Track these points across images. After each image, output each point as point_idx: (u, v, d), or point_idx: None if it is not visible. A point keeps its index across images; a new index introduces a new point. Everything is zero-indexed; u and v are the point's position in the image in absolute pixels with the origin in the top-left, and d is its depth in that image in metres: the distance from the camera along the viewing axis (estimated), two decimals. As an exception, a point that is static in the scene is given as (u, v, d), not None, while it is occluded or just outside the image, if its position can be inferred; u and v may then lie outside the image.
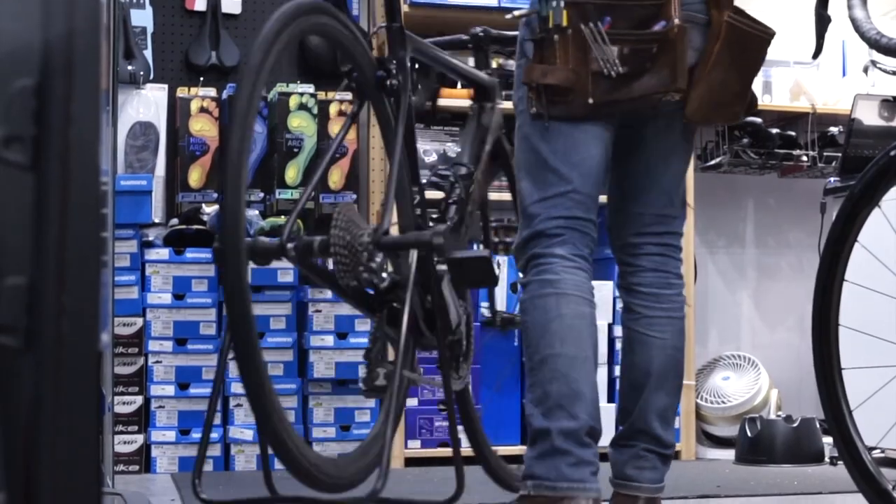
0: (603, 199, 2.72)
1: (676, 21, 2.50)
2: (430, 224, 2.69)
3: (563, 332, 2.53)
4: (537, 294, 2.56)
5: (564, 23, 2.55)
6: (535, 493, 2.46)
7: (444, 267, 2.51)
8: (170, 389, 4.21)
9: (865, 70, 5.24)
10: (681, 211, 2.75)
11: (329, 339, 4.30)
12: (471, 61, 3.23)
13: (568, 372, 2.50)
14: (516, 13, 2.75)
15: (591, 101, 2.54)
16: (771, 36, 2.67)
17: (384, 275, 2.39)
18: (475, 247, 3.43)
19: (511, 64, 3.23)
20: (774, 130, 4.96)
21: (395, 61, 2.61)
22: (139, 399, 4.19)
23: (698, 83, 2.58)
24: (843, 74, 5.35)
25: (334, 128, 4.61)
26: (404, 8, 4.46)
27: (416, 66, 2.76)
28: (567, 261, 2.57)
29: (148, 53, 4.62)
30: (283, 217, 4.40)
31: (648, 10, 2.53)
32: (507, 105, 2.90)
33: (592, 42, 2.51)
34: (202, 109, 4.56)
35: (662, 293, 2.70)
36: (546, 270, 2.56)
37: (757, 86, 5.12)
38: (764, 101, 4.98)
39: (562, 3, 2.55)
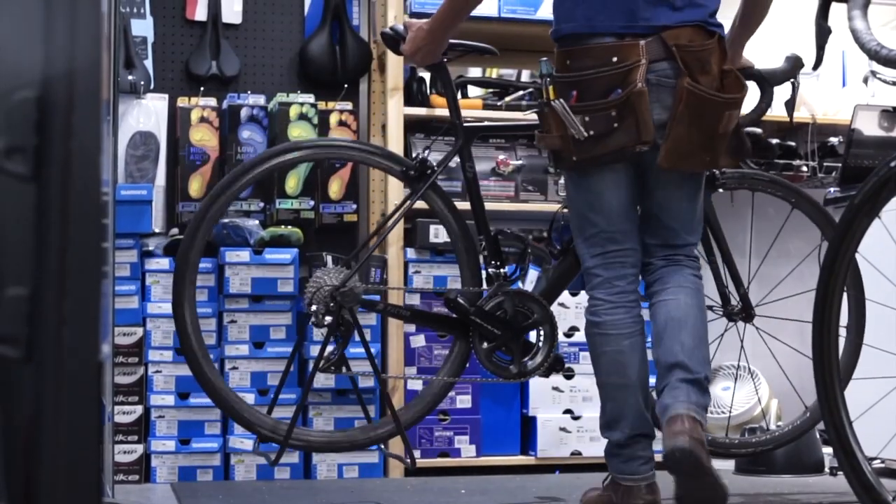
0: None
1: (639, 85, 3.02)
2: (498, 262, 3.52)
3: (608, 366, 3.18)
4: (588, 332, 3.24)
5: (552, 96, 3.15)
6: (613, 481, 3.19)
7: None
8: (170, 399, 4.20)
9: (865, 81, 5.24)
10: (691, 236, 3.29)
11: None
12: None
13: (615, 396, 3.17)
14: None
15: (574, 158, 3.12)
16: (730, 100, 3.13)
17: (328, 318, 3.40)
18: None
19: None
20: (774, 140, 4.96)
21: (417, 157, 3.50)
22: (139, 409, 4.18)
23: (667, 137, 3.08)
24: (843, 85, 5.36)
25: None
26: (405, 18, 4.46)
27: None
28: (607, 303, 3.19)
29: (148, 63, 4.62)
30: (283, 227, 4.41)
31: (616, 78, 3.07)
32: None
33: (562, 114, 3.09)
34: (202, 119, 4.56)
35: (672, 275, 3.23)
36: (593, 312, 3.21)
37: (756, 96, 5.12)
38: (764, 112, 4.97)
39: (548, 81, 3.17)
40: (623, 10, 3.11)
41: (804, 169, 5.01)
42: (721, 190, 3.86)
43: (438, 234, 4.28)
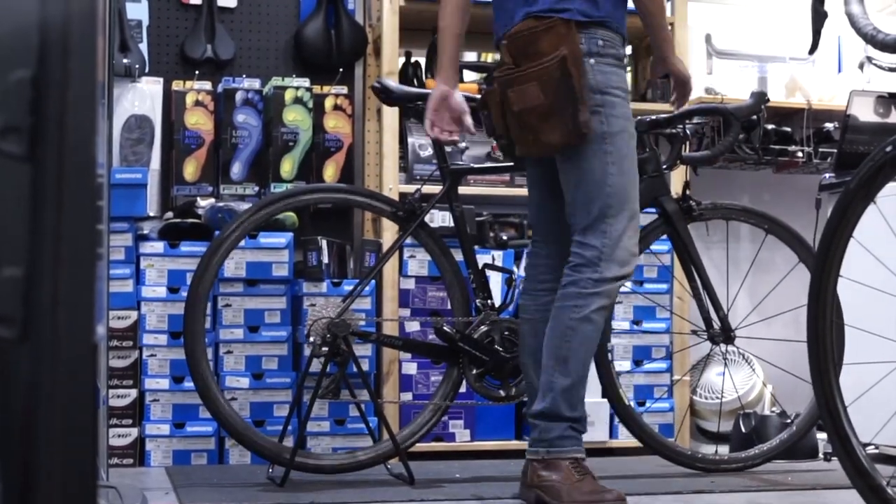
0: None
1: (494, 86, 3.32)
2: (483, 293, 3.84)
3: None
4: None
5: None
6: None
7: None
8: (164, 383, 4.20)
9: (861, 66, 5.23)
10: (577, 215, 3.31)
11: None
12: None
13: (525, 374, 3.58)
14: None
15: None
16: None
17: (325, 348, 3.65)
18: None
19: None
20: (770, 126, 4.96)
21: (408, 199, 3.80)
22: (133, 392, 4.18)
23: None
24: (839, 70, 5.35)
25: (329, 122, 4.61)
26: (400, 2, 4.45)
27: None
28: (523, 288, 3.59)
29: (143, 46, 4.61)
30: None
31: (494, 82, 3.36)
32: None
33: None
34: (197, 103, 4.55)
35: (559, 285, 3.39)
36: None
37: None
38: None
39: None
40: (505, 20, 3.35)
41: (799, 155, 5.01)
42: (698, 221, 4.04)
43: (433, 219, 4.27)
